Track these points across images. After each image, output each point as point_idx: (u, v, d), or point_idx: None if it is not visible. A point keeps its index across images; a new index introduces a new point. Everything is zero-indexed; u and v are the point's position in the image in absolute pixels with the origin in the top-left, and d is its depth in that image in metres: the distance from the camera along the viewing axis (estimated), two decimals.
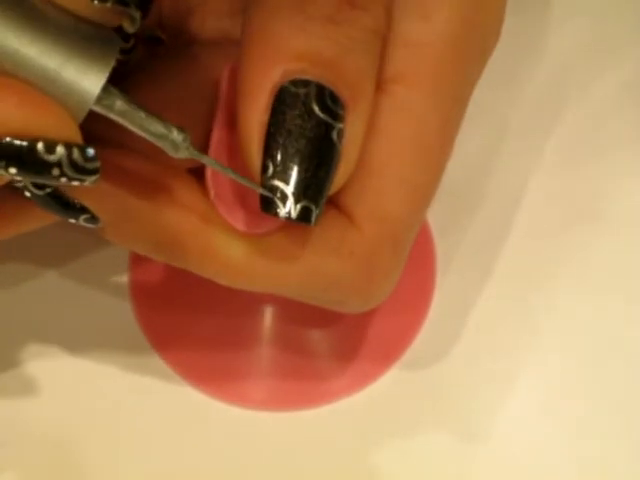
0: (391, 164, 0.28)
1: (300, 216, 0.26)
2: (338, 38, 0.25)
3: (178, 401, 0.35)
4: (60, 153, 0.23)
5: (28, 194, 0.26)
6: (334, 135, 0.26)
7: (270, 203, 0.26)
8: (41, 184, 0.25)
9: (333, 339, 0.35)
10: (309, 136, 0.25)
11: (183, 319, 0.36)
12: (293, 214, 0.26)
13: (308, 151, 0.25)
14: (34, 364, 0.35)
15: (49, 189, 0.26)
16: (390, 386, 0.35)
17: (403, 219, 0.28)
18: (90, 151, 0.24)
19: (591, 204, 0.37)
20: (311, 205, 0.26)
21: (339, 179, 0.26)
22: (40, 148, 0.23)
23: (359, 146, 0.26)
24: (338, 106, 0.26)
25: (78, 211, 0.27)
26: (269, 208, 0.26)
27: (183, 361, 0.35)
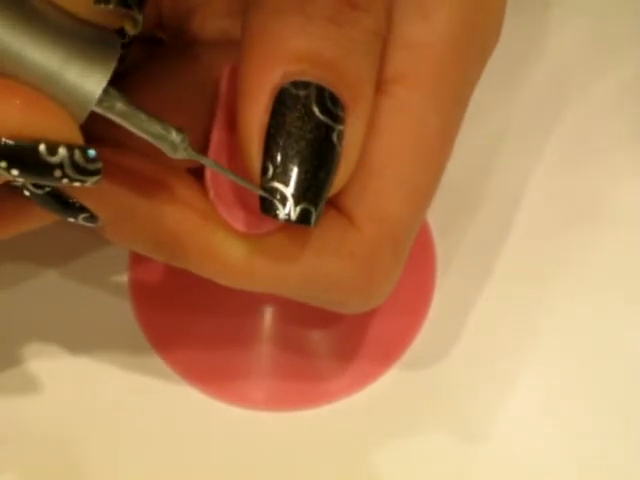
0: (391, 165, 0.28)
1: (300, 218, 0.26)
2: (339, 39, 0.25)
3: (178, 401, 0.35)
4: (62, 155, 0.23)
5: (27, 193, 0.26)
6: (334, 137, 0.26)
7: (270, 205, 0.26)
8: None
9: (333, 339, 0.35)
10: (309, 138, 0.25)
11: (183, 319, 0.36)
12: (293, 216, 0.26)
13: (308, 153, 0.25)
14: (34, 364, 0.35)
15: (48, 188, 0.26)
16: (390, 386, 0.35)
17: (403, 220, 0.28)
18: (91, 152, 0.24)
19: (591, 204, 0.37)
20: (311, 207, 0.26)
21: (339, 181, 0.26)
22: (42, 150, 0.23)
23: (359, 148, 0.26)
24: (338, 108, 0.26)
25: (77, 210, 0.27)
26: (269, 210, 0.26)
27: (183, 361, 0.35)
